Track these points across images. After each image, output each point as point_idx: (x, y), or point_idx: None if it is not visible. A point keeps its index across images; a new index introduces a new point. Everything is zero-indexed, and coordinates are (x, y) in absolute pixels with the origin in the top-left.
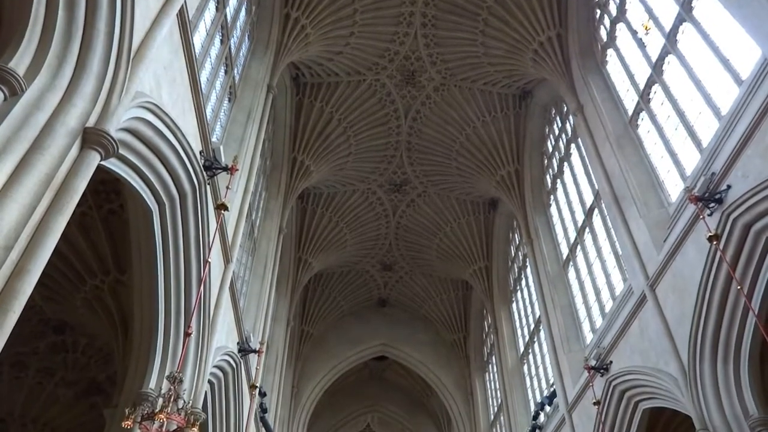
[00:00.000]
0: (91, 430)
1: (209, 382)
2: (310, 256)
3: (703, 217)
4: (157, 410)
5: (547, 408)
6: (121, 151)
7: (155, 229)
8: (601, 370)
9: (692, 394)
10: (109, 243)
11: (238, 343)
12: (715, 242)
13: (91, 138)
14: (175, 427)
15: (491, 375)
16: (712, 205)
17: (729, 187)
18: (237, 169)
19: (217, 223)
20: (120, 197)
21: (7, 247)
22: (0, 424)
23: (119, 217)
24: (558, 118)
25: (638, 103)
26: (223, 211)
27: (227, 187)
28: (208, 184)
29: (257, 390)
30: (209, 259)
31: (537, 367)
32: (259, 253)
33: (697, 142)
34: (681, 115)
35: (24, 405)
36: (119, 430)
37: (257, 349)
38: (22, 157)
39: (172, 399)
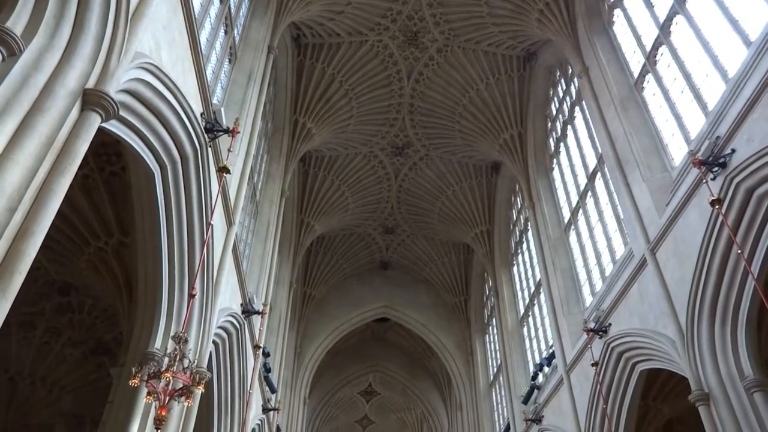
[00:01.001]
0: (99, 389)
1: (214, 342)
2: (313, 219)
3: (706, 182)
4: (163, 369)
5: (546, 369)
6: (122, 113)
7: (157, 191)
8: (600, 333)
9: (689, 356)
10: (111, 205)
11: (241, 305)
12: (717, 206)
13: (91, 99)
14: (181, 385)
15: (491, 336)
16: (715, 169)
17: (733, 151)
18: (238, 132)
19: (219, 185)
20: (121, 159)
21: (11, 209)
22: (10, 382)
23: (121, 180)
24: (562, 81)
25: (644, 65)
26: (224, 174)
27: (229, 150)
28: (210, 146)
29: (261, 350)
30: (212, 222)
31: (536, 329)
32: (262, 216)
33: (702, 105)
34: (687, 77)
35: (33, 364)
36: (126, 389)
37: (260, 310)
38: (22, 118)
39: (177, 358)
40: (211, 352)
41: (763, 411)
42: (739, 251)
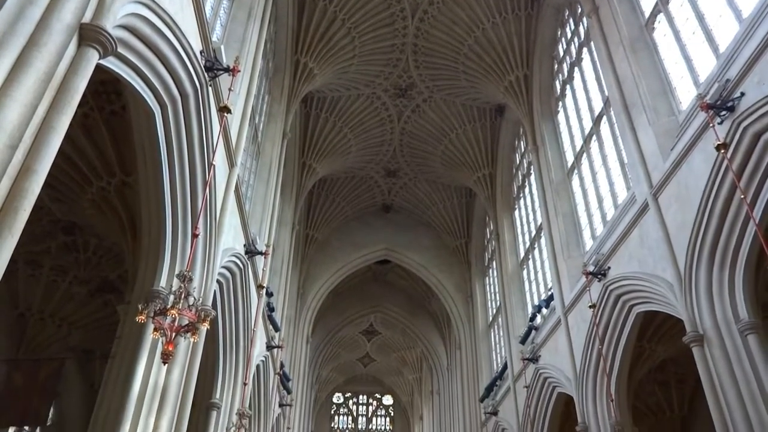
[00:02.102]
0: (106, 325)
1: (218, 282)
2: (315, 161)
3: (713, 126)
4: (168, 306)
5: (544, 311)
6: (120, 50)
7: (158, 131)
8: (599, 276)
9: (686, 299)
10: (113, 145)
11: (244, 245)
12: (722, 151)
13: (89, 35)
14: (186, 322)
15: (491, 279)
16: (723, 113)
17: (742, 94)
18: (239, 71)
19: (220, 125)
20: (121, 98)
21: (12, 146)
22: (20, 318)
23: (122, 119)
24: (571, 21)
25: (656, 4)
26: (225, 114)
27: (229, 89)
28: (210, 85)
29: (264, 290)
30: (214, 162)
31: (536, 273)
32: (263, 157)
33: (714, 47)
34: (700, 18)
35: (41, 301)
36: (133, 325)
37: (263, 251)
38: (18, 54)
39: (182, 296)
40: (215, 291)
41: (755, 352)
42: (742, 196)
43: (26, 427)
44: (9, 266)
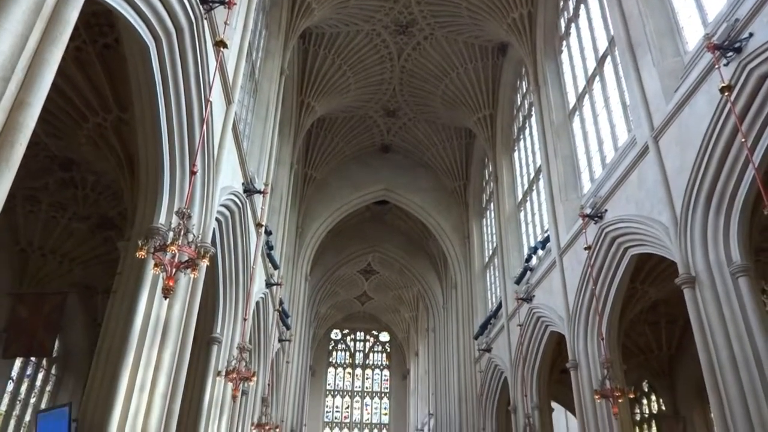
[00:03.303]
0: (107, 262)
1: (217, 220)
2: (313, 99)
3: (719, 67)
4: (168, 243)
5: (540, 252)
6: None
7: (153, 65)
8: (596, 218)
9: (680, 242)
10: (107, 80)
11: (243, 184)
12: (726, 93)
13: None
14: (186, 258)
15: (488, 220)
16: (729, 54)
17: (751, 35)
18: (234, 3)
19: (217, 61)
20: (114, 31)
21: (5, 79)
22: (21, 253)
23: (116, 53)
24: None
25: None
26: (222, 49)
27: (225, 23)
28: (205, 18)
29: (263, 228)
30: (210, 98)
31: (533, 214)
32: (261, 95)
33: None
34: None
35: (41, 237)
36: (134, 261)
37: (262, 189)
38: None
39: (182, 233)
40: (214, 229)
41: (745, 294)
42: (743, 140)
43: (32, 359)
44: (8, 202)
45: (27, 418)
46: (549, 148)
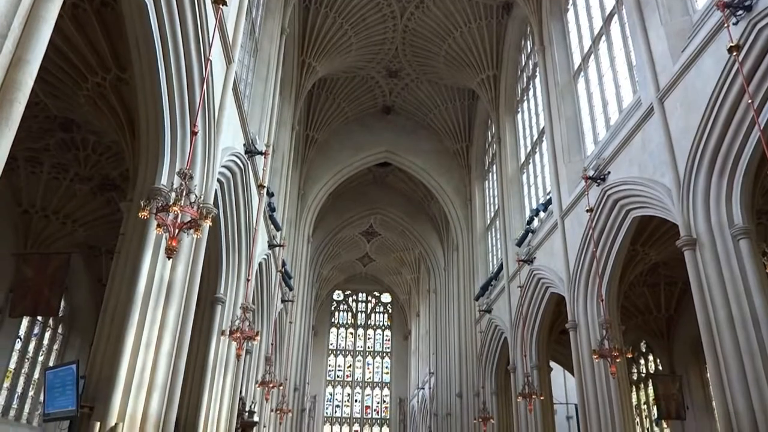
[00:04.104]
0: (110, 223)
1: (219, 181)
2: (314, 59)
3: (728, 26)
4: (170, 203)
5: (542, 214)
6: None
7: (151, 24)
8: (598, 180)
9: (682, 204)
10: (105, 39)
11: (244, 145)
12: (735, 53)
13: None
14: (189, 218)
15: (490, 183)
16: (739, 12)
17: None
18: None
19: (216, 19)
20: None
21: (1, 35)
22: (24, 214)
23: (114, 11)
24: None
25: None
26: (221, 6)
27: None
28: None
29: (265, 190)
30: (210, 57)
31: (536, 177)
32: (262, 54)
33: None
34: None
35: (43, 198)
36: (137, 222)
37: (263, 151)
38: None
39: (184, 193)
40: (216, 190)
41: (745, 256)
42: (750, 101)
43: (39, 319)
44: (9, 164)
45: (35, 375)
46: (553, 110)
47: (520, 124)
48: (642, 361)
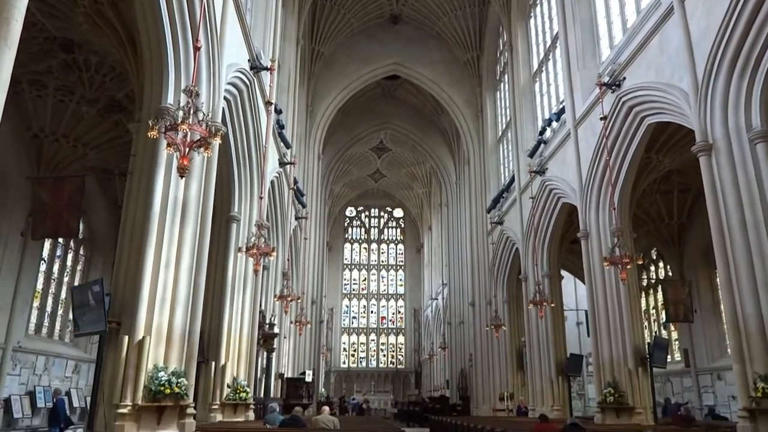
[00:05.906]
0: (120, 145)
1: (225, 99)
2: None
3: None
4: (179, 122)
5: (554, 124)
6: None
7: None
8: (613, 87)
9: (699, 108)
10: None
11: (249, 61)
12: None
13: None
14: (198, 137)
15: (502, 93)
16: None
17: None
18: None
19: None
20: None
21: None
22: (35, 138)
23: None
24: None
25: None
26: None
27: None
28: None
29: (272, 106)
30: None
31: (548, 86)
32: None
33: None
34: None
35: (52, 122)
36: (147, 143)
37: (268, 66)
38: None
39: (191, 111)
40: (224, 109)
41: (762, 160)
42: None
43: (60, 241)
44: (14, 87)
45: (62, 295)
46: (567, 13)
47: (533, 30)
48: (652, 268)
